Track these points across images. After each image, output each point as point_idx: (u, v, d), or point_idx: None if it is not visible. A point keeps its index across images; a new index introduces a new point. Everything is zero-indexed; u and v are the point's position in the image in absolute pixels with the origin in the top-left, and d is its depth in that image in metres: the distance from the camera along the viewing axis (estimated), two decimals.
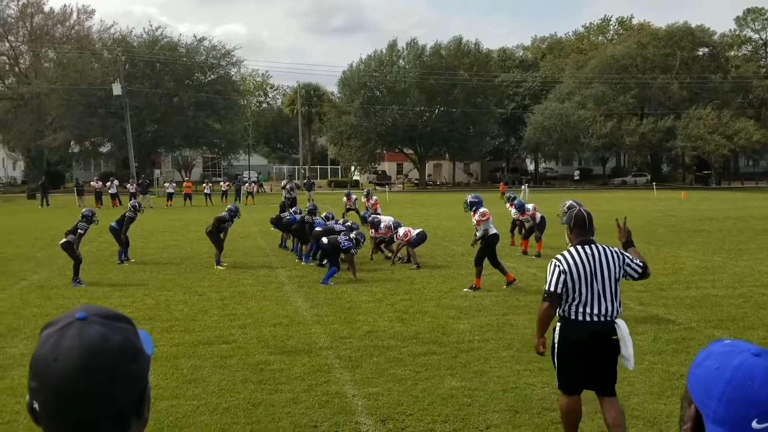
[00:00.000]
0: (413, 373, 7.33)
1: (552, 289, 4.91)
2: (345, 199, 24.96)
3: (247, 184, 46.89)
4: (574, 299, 4.92)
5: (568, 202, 9.99)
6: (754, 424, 1.20)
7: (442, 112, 68.23)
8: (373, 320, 9.93)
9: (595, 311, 4.91)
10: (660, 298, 11.64)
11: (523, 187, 47.60)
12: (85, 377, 1.13)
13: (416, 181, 72.85)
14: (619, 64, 70.04)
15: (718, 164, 68.74)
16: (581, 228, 5.07)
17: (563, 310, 5.00)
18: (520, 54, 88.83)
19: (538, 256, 16.25)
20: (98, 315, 1.21)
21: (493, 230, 12.31)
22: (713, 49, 73.94)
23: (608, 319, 4.94)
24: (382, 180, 70.29)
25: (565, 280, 4.89)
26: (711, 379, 1.27)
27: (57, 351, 1.14)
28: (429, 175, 75.70)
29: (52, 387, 1.13)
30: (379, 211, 20.94)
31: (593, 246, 5.01)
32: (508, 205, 18.52)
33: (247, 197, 42.87)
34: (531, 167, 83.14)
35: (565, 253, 5.00)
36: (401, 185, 71.69)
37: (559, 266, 4.94)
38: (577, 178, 77.57)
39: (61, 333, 1.16)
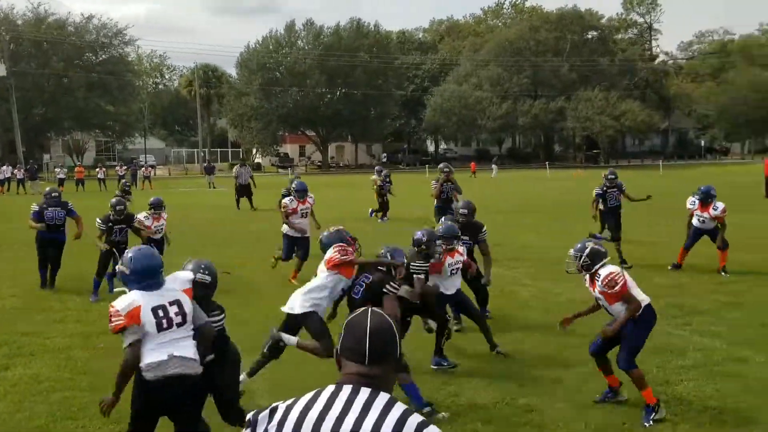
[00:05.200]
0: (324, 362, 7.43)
1: None
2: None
3: (144, 168, 45.47)
4: None
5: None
6: None
7: (344, 94, 68.18)
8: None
9: None
10: (551, 272, 12.21)
11: (493, 166, 49.21)
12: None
13: (319, 164, 72.68)
14: (514, 47, 72.04)
15: (606, 144, 71.96)
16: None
17: None
18: (420, 36, 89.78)
19: None
20: None
21: None
22: (602, 32, 77.17)
23: None
24: (285, 162, 69.68)
25: None
26: None
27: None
28: (332, 157, 75.68)
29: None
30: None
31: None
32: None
33: (143, 182, 41.58)
34: (431, 149, 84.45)
35: None
36: (304, 167, 71.37)
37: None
38: (497, 156, 75.92)
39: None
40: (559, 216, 21.18)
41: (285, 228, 11.75)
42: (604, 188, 13.01)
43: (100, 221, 10.52)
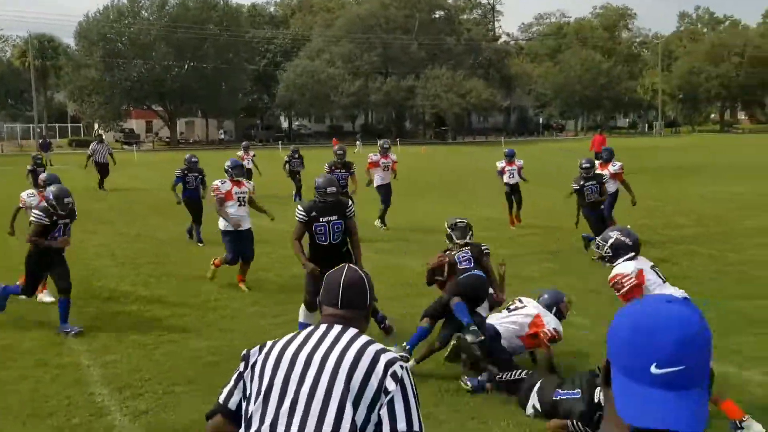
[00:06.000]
0: (155, 336, 7.36)
1: None
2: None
3: None
4: None
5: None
6: (653, 369, 1.21)
7: (192, 68, 65.93)
8: (115, 285, 9.68)
9: None
10: (399, 244, 12.67)
11: (357, 142, 49.08)
12: None
13: (167, 140, 70.08)
14: (365, 23, 72.64)
15: (453, 121, 74.56)
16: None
17: None
18: (271, 10, 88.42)
19: None
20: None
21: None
22: (448, 12, 79.45)
23: None
24: (130, 138, 66.54)
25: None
26: (621, 326, 1.28)
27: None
28: (181, 133, 73.19)
29: None
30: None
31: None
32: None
33: None
34: (285, 125, 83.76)
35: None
36: (151, 144, 68.53)
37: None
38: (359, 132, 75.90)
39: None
40: (403, 192, 21.82)
41: (222, 223, 9.55)
42: (581, 182, 11.40)
43: None
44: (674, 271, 10.31)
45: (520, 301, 6.52)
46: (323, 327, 2.46)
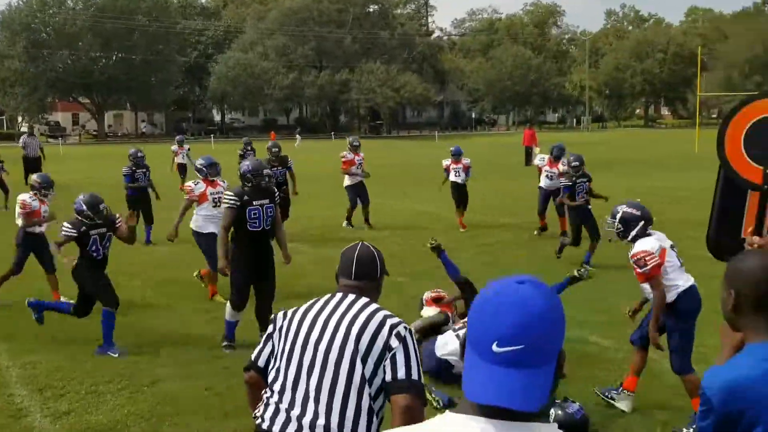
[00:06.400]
0: (78, 336, 7.20)
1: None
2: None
3: None
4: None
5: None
6: (494, 347, 1.25)
7: (121, 59, 64.28)
8: (38, 284, 9.40)
9: None
10: (329, 240, 12.69)
11: (297, 137, 48.39)
12: None
13: (95, 133, 68.14)
14: (298, 16, 72.13)
15: (388, 115, 74.86)
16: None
17: None
18: (203, 1, 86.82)
19: None
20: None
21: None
22: (382, 6, 79.60)
23: None
24: (56, 132, 64.38)
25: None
26: (475, 304, 1.34)
27: None
28: (109, 126, 71.30)
29: None
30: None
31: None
32: None
33: None
34: (218, 118, 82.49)
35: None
36: (78, 137, 66.52)
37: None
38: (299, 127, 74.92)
39: None
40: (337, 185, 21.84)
41: (195, 223, 8.85)
42: (573, 179, 10.56)
43: None
44: (607, 263, 10.67)
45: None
46: (339, 295, 2.86)
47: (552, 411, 4.84)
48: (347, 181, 13.99)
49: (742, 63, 75.46)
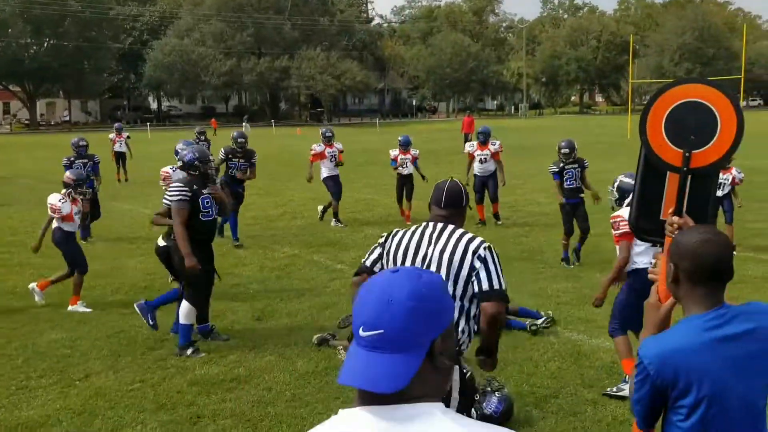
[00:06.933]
0: (8, 330, 7.02)
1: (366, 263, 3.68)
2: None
3: None
4: None
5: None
6: (360, 331, 1.32)
7: (53, 46, 62.31)
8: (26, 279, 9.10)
9: None
10: (269, 229, 12.63)
11: (245, 124, 47.23)
12: None
13: (27, 122, 65.96)
14: (236, 2, 71.00)
15: (329, 102, 74.50)
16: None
17: None
18: None
19: None
20: None
21: None
22: None
23: None
24: None
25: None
26: (359, 291, 1.41)
27: None
28: (42, 115, 69.07)
29: None
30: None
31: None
32: None
33: None
34: (154, 105, 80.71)
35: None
36: (9, 126, 64.27)
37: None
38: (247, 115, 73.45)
39: None
40: (276, 175, 21.71)
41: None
42: (561, 164, 9.74)
43: None
44: (533, 246, 10.89)
45: None
46: (432, 224, 3.47)
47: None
48: (324, 172, 12.94)
49: (672, 50, 77.74)
